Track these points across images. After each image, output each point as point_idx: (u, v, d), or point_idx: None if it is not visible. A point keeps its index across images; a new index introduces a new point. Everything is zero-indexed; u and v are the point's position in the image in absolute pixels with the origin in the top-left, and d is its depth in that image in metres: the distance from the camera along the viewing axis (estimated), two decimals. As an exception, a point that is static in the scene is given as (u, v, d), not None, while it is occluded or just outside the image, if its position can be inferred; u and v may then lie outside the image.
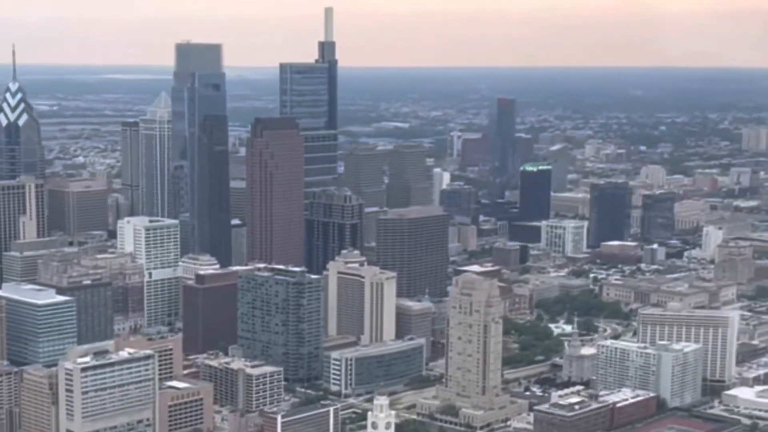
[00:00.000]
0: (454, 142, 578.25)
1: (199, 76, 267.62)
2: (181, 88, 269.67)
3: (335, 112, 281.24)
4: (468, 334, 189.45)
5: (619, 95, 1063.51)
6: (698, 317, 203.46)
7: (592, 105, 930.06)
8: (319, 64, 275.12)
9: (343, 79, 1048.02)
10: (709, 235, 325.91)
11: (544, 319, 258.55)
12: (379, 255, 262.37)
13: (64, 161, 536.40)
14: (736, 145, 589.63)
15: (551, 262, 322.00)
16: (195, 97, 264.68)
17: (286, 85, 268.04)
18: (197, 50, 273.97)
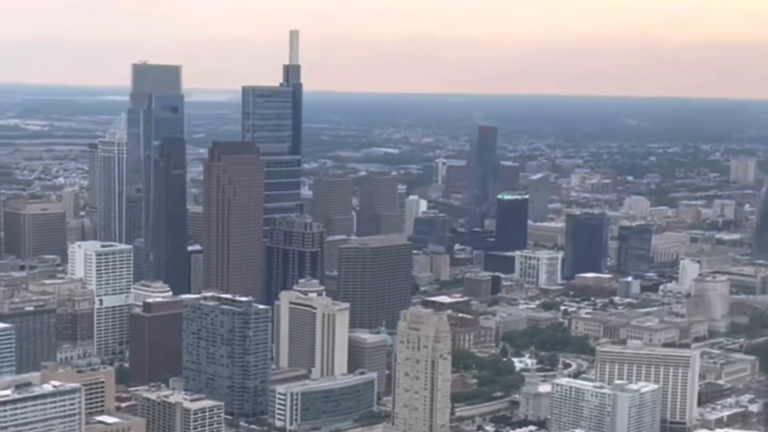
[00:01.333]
0: (439, 168, 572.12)
1: (156, 98, 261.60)
2: (137, 109, 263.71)
3: (299, 137, 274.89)
4: (415, 370, 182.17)
5: (614, 124, 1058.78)
6: (658, 356, 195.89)
7: (586, 134, 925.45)
8: (283, 87, 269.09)
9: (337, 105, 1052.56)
10: (686, 269, 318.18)
11: (509, 352, 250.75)
12: (340, 284, 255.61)
13: (44, 182, 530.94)
14: (724, 177, 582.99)
15: (524, 294, 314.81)
16: (151, 120, 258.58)
17: (248, 108, 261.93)
18: (154, 71, 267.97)
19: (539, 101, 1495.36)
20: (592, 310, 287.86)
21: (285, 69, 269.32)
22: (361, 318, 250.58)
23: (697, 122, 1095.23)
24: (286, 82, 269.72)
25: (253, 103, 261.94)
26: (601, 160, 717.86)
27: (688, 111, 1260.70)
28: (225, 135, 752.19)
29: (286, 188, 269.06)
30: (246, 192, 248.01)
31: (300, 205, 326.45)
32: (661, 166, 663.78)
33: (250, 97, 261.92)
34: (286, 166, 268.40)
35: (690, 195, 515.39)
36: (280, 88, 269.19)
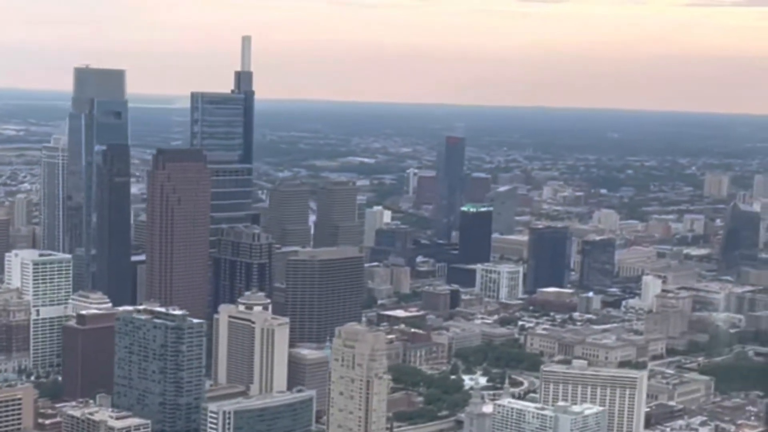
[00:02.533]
0: (410, 179, 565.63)
1: (98, 103, 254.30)
2: (78, 114, 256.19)
3: (251, 145, 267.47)
4: (350, 389, 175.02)
5: (595, 137, 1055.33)
6: (604, 377, 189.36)
7: (565, 146, 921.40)
8: (234, 94, 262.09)
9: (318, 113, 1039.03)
10: (648, 285, 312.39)
11: (460, 369, 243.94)
12: (288, 297, 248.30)
13: (9, 188, 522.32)
14: (698, 192, 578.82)
15: (483, 308, 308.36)
16: (93, 125, 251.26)
17: (197, 115, 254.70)
18: (97, 75, 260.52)
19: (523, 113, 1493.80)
20: (551, 326, 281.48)
21: (236, 75, 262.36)
22: (310, 332, 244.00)
23: (678, 136, 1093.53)
24: (237, 89, 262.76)
25: (202, 109, 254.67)
26: (577, 172, 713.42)
27: (669, 124, 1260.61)
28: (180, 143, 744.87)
29: (237, 197, 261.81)
30: (192, 201, 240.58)
31: (256, 215, 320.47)
32: (636, 180, 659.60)
33: (199, 103, 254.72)
34: (237, 174, 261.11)
35: (662, 209, 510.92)
36: (231, 95, 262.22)
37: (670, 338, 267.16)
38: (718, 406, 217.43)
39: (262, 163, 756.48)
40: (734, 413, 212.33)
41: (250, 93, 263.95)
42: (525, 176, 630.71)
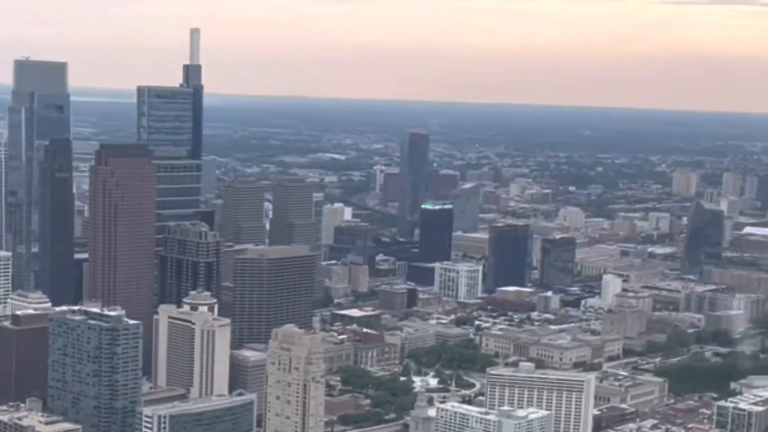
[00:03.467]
0: (377, 176, 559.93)
1: (38, 96, 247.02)
2: (18, 108, 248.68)
3: (200, 140, 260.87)
4: (287, 393, 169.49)
5: (568, 134, 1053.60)
6: (550, 380, 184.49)
7: (537, 143, 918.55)
8: (182, 88, 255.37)
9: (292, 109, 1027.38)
10: (608, 284, 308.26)
11: (412, 371, 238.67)
12: (236, 297, 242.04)
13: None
14: (667, 189, 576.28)
15: (440, 308, 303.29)
16: (33, 119, 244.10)
17: (143, 109, 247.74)
18: (38, 68, 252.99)
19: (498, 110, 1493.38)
20: (507, 327, 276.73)
21: (185, 69, 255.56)
22: (258, 333, 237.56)
23: (651, 133, 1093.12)
24: (185, 83, 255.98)
25: (149, 104, 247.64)
26: (548, 169, 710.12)
27: (643, 122, 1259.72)
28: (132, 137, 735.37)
29: (185, 194, 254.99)
30: (136, 197, 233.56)
31: (211, 212, 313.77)
32: (606, 177, 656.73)
33: (146, 97, 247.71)
34: (185, 170, 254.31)
35: (629, 207, 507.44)
36: (179, 89, 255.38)
37: (627, 339, 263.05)
38: (671, 409, 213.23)
39: (231, 159, 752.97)
40: (687, 416, 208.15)
41: (199, 87, 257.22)
42: (493, 173, 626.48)
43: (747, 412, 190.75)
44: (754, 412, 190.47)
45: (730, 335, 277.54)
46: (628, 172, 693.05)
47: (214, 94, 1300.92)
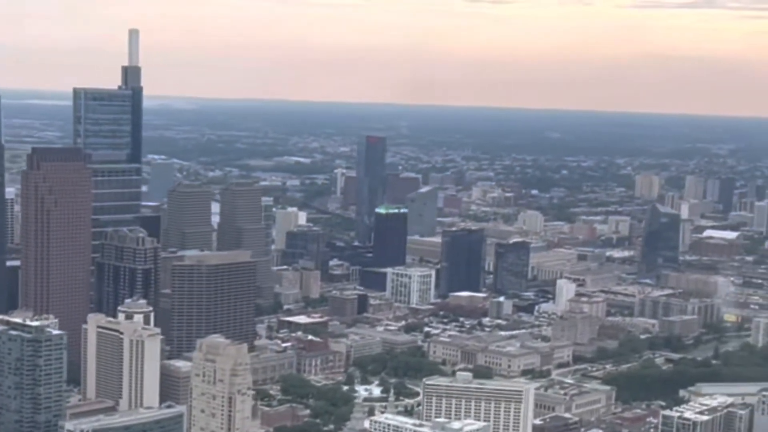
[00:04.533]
0: (337, 179, 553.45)
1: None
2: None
3: (140, 143, 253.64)
4: (211, 406, 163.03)
5: (536, 137, 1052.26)
6: (489, 390, 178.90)
7: (505, 146, 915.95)
8: (121, 90, 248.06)
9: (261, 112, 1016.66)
10: (562, 288, 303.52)
11: (356, 380, 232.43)
12: (174, 304, 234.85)
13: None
14: (630, 192, 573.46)
15: (392, 314, 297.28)
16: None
17: (80, 112, 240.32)
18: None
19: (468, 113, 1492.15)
20: (457, 333, 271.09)
21: (123, 71, 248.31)
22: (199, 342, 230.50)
23: (618, 136, 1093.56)
24: (124, 85, 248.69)
25: (86, 106, 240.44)
26: (513, 172, 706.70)
27: (611, 124, 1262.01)
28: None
29: (124, 199, 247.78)
30: (70, 202, 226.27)
31: (156, 217, 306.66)
32: (571, 180, 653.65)
33: (82, 99, 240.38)
34: (124, 174, 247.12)
35: (590, 210, 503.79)
36: (118, 91, 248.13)
37: (578, 345, 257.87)
38: (618, 418, 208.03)
39: (195, 163, 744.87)
40: (633, 425, 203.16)
41: (138, 89, 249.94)
42: (455, 177, 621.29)
43: (692, 421, 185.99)
44: (699, 422, 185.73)
45: (683, 341, 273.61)
46: (593, 175, 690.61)
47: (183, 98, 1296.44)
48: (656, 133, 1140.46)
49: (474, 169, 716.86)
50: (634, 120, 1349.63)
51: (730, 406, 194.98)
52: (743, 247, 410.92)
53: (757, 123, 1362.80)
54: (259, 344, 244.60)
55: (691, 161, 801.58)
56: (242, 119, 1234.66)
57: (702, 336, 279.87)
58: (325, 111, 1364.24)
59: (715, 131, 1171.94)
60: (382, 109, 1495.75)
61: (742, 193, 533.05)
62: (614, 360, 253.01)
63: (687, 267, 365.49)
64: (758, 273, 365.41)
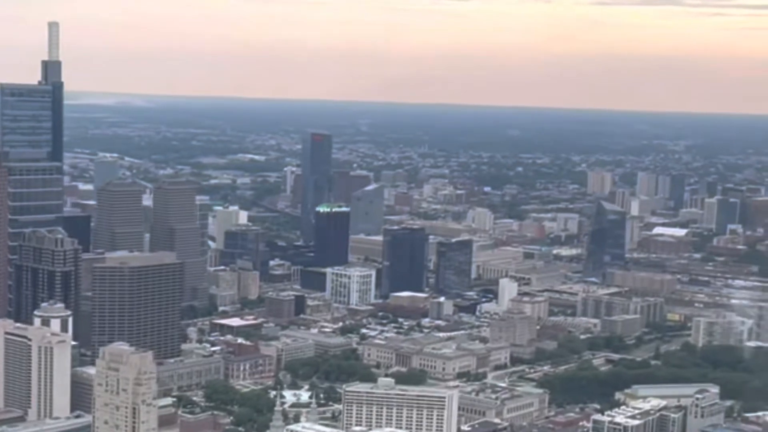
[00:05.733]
0: (287, 178, 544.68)
1: None
2: None
3: (61, 141, 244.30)
4: (115, 417, 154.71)
5: (495, 134, 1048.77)
6: (410, 396, 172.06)
7: (462, 143, 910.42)
8: (41, 86, 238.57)
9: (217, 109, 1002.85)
10: (504, 288, 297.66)
11: (285, 384, 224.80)
12: (95, 308, 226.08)
13: None
14: (583, 189, 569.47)
15: (330, 315, 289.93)
16: None
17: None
18: None
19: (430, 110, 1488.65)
20: (395, 335, 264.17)
21: (43, 65, 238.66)
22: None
23: (577, 133, 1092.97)
24: (44, 80, 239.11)
25: (3, 102, 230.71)
26: (468, 169, 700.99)
27: (570, 122, 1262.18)
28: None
29: (45, 198, 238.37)
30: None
31: (87, 217, 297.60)
32: (525, 177, 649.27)
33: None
34: (44, 173, 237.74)
35: (541, 208, 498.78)
36: (37, 86, 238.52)
37: (516, 346, 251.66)
38: (550, 422, 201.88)
39: (147, 161, 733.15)
40: (565, 429, 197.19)
41: (58, 84, 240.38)
42: (407, 174, 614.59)
43: (623, 426, 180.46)
44: (630, 426, 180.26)
45: (625, 341, 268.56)
46: (547, 172, 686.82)
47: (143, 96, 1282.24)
48: (615, 130, 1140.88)
49: (429, 167, 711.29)
50: (594, 117, 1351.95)
51: (664, 410, 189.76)
52: (692, 244, 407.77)
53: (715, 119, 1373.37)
54: (186, 348, 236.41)
55: (647, 158, 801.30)
56: (202, 117, 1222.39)
57: (644, 336, 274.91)
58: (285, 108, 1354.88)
59: (674, 128, 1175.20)
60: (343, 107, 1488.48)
61: (694, 189, 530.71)
62: (553, 361, 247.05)
63: (634, 265, 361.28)
64: (705, 271, 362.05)
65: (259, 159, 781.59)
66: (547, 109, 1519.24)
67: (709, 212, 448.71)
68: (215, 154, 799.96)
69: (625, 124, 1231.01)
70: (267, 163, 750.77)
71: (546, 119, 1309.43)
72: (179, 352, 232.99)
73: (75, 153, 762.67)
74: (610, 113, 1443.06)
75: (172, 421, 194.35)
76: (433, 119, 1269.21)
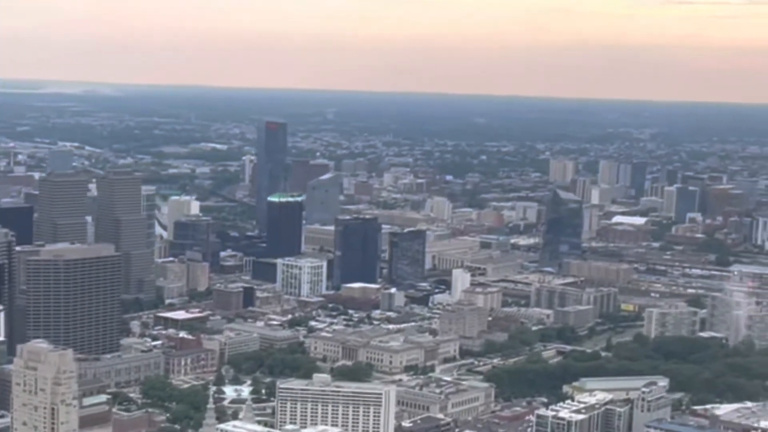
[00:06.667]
0: (246, 167, 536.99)
1: None
2: None
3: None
4: (33, 418, 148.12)
5: (462, 122, 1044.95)
6: (346, 393, 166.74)
7: (428, 131, 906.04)
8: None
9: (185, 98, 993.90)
10: (458, 279, 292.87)
11: (226, 379, 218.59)
12: (30, 302, 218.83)
13: None
14: (545, 177, 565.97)
15: (279, 307, 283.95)
16: None
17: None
18: None
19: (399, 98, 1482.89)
20: (344, 327, 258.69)
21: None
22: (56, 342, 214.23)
23: (544, 121, 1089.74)
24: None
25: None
26: (432, 158, 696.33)
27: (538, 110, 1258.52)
28: None
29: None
30: None
31: (29, 208, 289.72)
32: (488, 166, 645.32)
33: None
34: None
35: (502, 196, 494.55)
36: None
37: (466, 338, 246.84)
38: (496, 417, 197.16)
39: (107, 150, 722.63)
40: (511, 424, 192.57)
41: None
42: (368, 163, 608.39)
43: (566, 421, 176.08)
44: (573, 421, 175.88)
45: (577, 332, 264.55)
46: (511, 160, 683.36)
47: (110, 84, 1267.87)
48: (584, 118, 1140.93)
49: (393, 155, 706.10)
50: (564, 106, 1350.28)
51: (610, 403, 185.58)
52: (651, 233, 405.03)
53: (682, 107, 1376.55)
54: (126, 343, 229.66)
55: (612, 145, 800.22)
56: (168, 105, 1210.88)
57: (597, 326, 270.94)
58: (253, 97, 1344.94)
59: (642, 116, 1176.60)
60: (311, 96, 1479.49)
61: (655, 177, 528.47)
62: (503, 353, 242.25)
63: (591, 254, 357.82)
64: (663, 260, 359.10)
65: (221, 148, 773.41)
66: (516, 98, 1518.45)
67: (669, 201, 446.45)
68: (178, 143, 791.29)
69: (594, 113, 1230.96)
70: (229, 152, 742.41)
71: (515, 108, 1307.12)
72: (118, 347, 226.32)
73: (35, 142, 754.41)
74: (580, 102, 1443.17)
75: (106, 419, 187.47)
76: (401, 108, 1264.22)
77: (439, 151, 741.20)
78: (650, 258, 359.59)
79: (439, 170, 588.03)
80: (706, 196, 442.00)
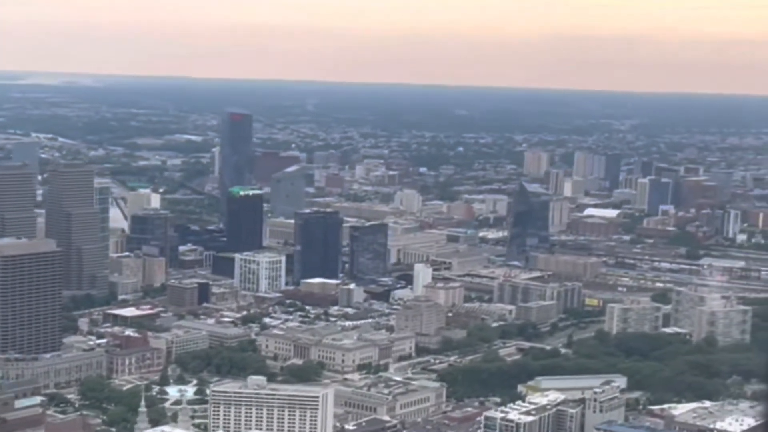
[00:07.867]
0: (215, 159, 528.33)
1: None
2: None
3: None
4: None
5: (442, 114, 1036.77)
6: (282, 396, 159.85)
7: (406, 123, 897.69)
8: None
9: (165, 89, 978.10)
10: (419, 273, 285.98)
11: (171, 380, 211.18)
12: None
13: None
14: (520, 170, 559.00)
15: (236, 303, 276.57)
16: None
17: None
18: None
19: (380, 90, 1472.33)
20: (299, 324, 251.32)
21: None
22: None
23: (524, 113, 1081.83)
24: None
25: None
26: (408, 149, 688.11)
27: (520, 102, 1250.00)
28: None
29: None
30: None
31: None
32: (464, 158, 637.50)
33: None
34: None
35: (474, 189, 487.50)
36: None
37: (423, 335, 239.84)
38: (446, 417, 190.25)
39: (80, 141, 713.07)
40: (461, 425, 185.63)
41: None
42: (343, 155, 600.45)
43: (515, 423, 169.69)
44: (522, 423, 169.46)
45: (539, 328, 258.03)
46: (487, 152, 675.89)
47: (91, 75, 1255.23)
48: (565, 109, 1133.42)
49: (369, 147, 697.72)
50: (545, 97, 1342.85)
51: (562, 404, 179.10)
52: (622, 225, 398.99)
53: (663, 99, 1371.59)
54: (68, 342, 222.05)
55: (591, 137, 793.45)
56: (146, 96, 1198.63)
57: (560, 323, 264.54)
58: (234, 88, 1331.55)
59: (624, 107, 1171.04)
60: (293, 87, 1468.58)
61: (630, 169, 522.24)
62: (460, 351, 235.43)
63: (560, 248, 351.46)
64: (632, 253, 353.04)
65: (196, 140, 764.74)
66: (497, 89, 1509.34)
67: (642, 193, 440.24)
68: (152, 135, 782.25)
69: (574, 104, 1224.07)
70: (203, 143, 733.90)
71: (495, 99, 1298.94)
72: (60, 346, 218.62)
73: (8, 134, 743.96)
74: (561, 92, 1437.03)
75: (39, 422, 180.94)
76: (382, 99, 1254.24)
77: (417, 142, 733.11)
78: (619, 251, 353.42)
79: (413, 162, 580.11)
80: (679, 188, 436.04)
